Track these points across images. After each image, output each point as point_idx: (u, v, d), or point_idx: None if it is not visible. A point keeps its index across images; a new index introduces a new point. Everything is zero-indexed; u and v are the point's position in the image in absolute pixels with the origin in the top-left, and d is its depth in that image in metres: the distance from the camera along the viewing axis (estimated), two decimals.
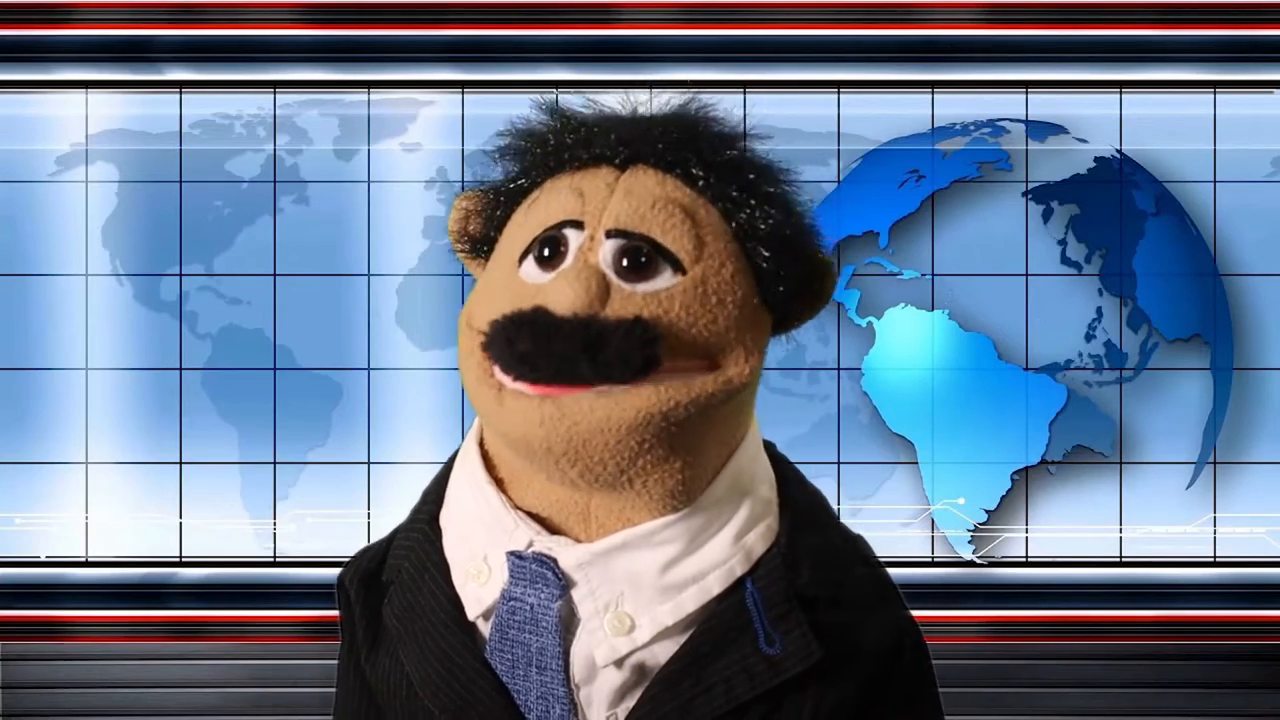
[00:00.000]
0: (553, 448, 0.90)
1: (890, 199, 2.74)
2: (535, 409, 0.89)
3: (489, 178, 1.03)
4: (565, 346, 0.88)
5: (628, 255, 0.92)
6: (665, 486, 0.93)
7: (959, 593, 2.68)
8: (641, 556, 0.94)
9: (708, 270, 0.93)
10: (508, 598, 0.96)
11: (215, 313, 2.78)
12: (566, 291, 0.90)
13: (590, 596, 0.95)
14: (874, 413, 2.76)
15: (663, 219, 0.93)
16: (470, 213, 1.03)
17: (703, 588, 0.95)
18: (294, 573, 2.74)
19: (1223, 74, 2.74)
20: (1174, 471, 2.75)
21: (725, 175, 0.96)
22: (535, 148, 0.99)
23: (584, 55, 2.72)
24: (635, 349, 0.88)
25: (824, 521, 1.03)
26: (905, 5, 2.73)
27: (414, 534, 1.05)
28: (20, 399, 2.77)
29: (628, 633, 0.94)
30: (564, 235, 0.94)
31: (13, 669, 2.71)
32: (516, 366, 0.90)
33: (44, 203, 2.78)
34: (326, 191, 2.78)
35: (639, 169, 0.96)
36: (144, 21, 2.72)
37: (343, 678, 1.11)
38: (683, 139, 0.96)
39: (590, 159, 0.97)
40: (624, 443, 0.90)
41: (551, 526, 0.97)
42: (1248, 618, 2.71)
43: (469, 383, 0.96)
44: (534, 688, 0.96)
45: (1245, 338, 2.76)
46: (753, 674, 0.94)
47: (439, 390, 2.76)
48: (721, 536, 0.96)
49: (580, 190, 0.95)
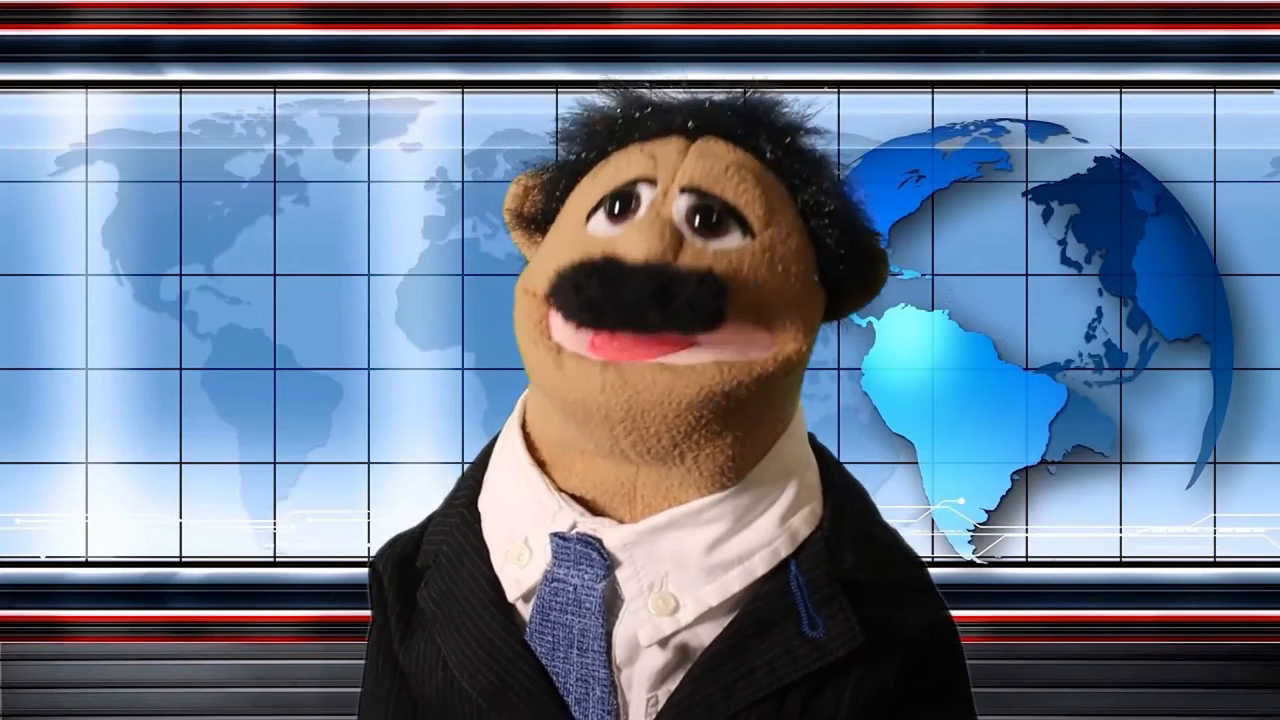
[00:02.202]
0: (610, 414, 0.90)
1: (890, 199, 2.74)
2: (597, 374, 0.90)
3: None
4: (636, 293, 0.88)
5: (700, 213, 0.93)
6: (715, 463, 0.94)
7: (959, 593, 2.68)
8: (688, 535, 0.94)
9: (775, 237, 0.94)
10: (550, 579, 0.96)
11: (215, 313, 2.78)
12: (639, 240, 0.90)
13: (635, 577, 0.95)
14: (874, 413, 2.76)
15: (736, 181, 0.94)
16: (530, 190, 1.03)
17: (748, 568, 0.95)
18: (294, 573, 2.74)
19: (1223, 74, 2.74)
20: (1174, 471, 2.75)
21: (792, 153, 0.98)
22: (602, 124, 1.00)
23: (584, 55, 2.72)
24: (706, 299, 0.88)
25: (866, 511, 1.04)
26: (905, 5, 2.73)
27: (451, 518, 1.05)
28: (20, 399, 2.77)
29: (672, 613, 0.94)
30: (637, 191, 0.95)
31: (13, 669, 2.71)
32: (583, 313, 0.90)
33: (44, 203, 2.78)
34: (326, 191, 2.78)
35: (710, 139, 0.97)
36: (144, 21, 2.72)
37: (371, 663, 1.10)
38: (752, 116, 0.98)
39: (660, 130, 0.98)
40: (682, 417, 0.90)
41: (595, 509, 0.97)
42: (1248, 618, 2.71)
43: (524, 345, 0.96)
44: (574, 669, 0.96)
45: (1245, 338, 2.76)
46: (795, 656, 0.94)
47: (439, 390, 2.76)
48: (768, 517, 0.96)
49: (653, 154, 0.96)
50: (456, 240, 2.76)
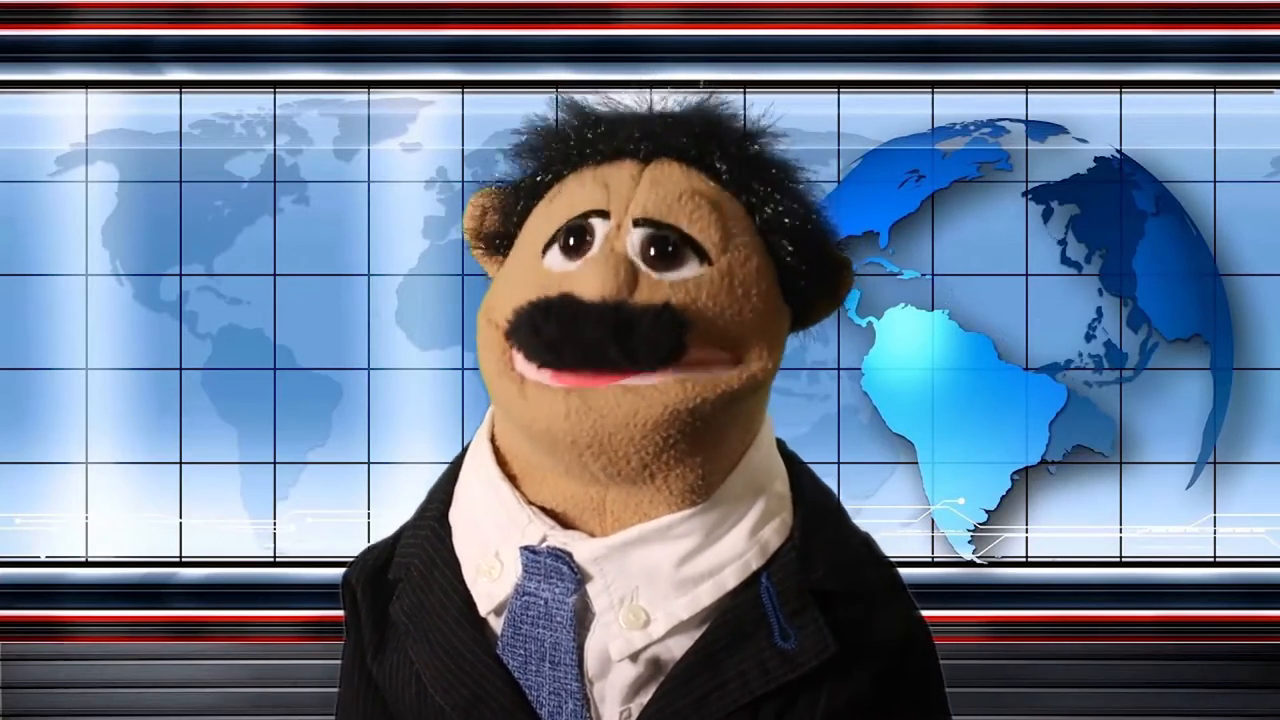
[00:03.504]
0: (577, 440, 0.89)
1: (890, 199, 2.74)
2: (561, 401, 0.89)
3: (497, 176, 1.03)
4: (594, 332, 0.87)
5: (655, 244, 0.92)
6: (685, 481, 0.93)
7: (959, 593, 2.68)
8: (658, 550, 0.94)
9: (734, 262, 0.93)
10: (521, 593, 0.96)
11: (215, 313, 2.78)
12: (594, 278, 0.89)
13: (605, 591, 0.94)
14: (874, 413, 2.76)
15: (690, 210, 0.93)
16: (487, 210, 1.03)
17: (718, 582, 0.95)
18: (294, 573, 2.74)
19: (1223, 74, 2.74)
20: (1174, 471, 2.75)
21: (748, 170, 0.97)
22: (555, 143, 0.99)
23: (584, 55, 2.72)
24: (665, 334, 0.88)
25: (836, 518, 1.04)
26: (905, 5, 2.73)
27: (422, 531, 1.05)
28: (20, 399, 2.77)
29: (643, 627, 0.94)
30: (590, 224, 0.94)
31: (13, 669, 2.71)
32: (542, 354, 0.89)
33: (44, 203, 2.78)
34: (326, 191, 2.78)
35: (662, 162, 0.96)
36: (144, 21, 2.72)
37: (346, 677, 1.10)
38: (705, 133, 0.97)
39: (612, 152, 0.97)
40: (649, 438, 0.90)
41: (565, 521, 0.96)
42: (1248, 618, 2.71)
43: (489, 375, 0.95)
44: (546, 683, 0.95)
45: (1245, 338, 2.76)
46: (767, 669, 0.94)
47: (439, 390, 2.76)
48: (738, 531, 0.96)
49: (605, 182, 0.95)
50: (456, 240, 2.76)
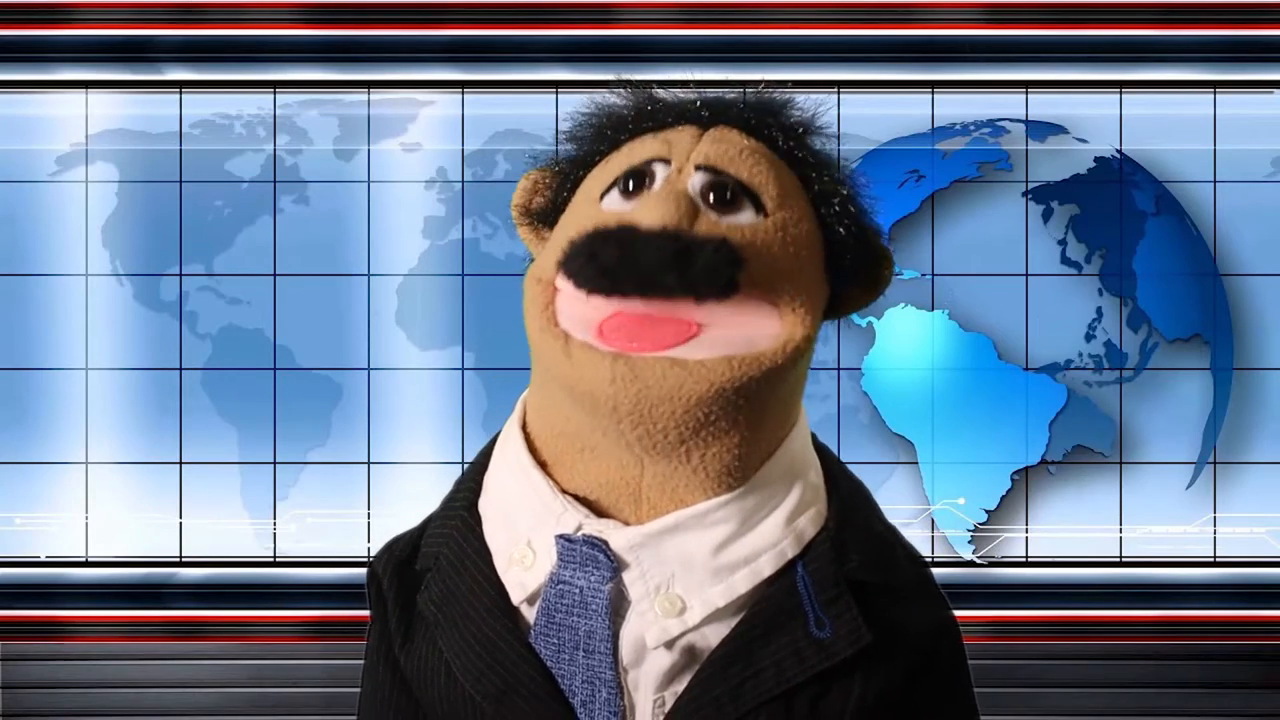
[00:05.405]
0: (619, 407, 0.90)
1: (890, 199, 2.74)
2: (607, 365, 0.89)
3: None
4: (653, 257, 0.87)
5: (714, 190, 0.93)
6: (722, 463, 0.93)
7: (959, 593, 2.67)
8: (694, 537, 0.94)
9: (788, 219, 0.95)
10: (556, 581, 0.96)
11: (215, 313, 2.78)
12: (655, 208, 0.90)
13: (641, 578, 0.95)
14: (874, 413, 2.76)
15: (750, 163, 0.95)
16: (540, 185, 1.03)
17: (754, 570, 0.95)
18: (294, 573, 2.74)
19: (1223, 74, 2.74)
20: (1174, 471, 2.75)
21: (804, 146, 0.99)
22: (613, 123, 1.00)
23: (584, 55, 2.72)
24: (723, 265, 0.88)
25: (870, 511, 1.04)
26: (905, 5, 2.73)
27: (451, 521, 1.04)
28: (20, 399, 2.77)
29: (679, 614, 0.94)
30: (651, 169, 0.95)
31: (13, 669, 2.71)
32: (598, 280, 0.89)
33: (44, 203, 2.78)
34: (326, 191, 2.78)
35: (723, 128, 0.98)
36: (144, 21, 2.72)
37: (371, 668, 1.09)
38: (764, 111, 0.99)
39: (674, 120, 0.99)
40: (691, 413, 0.90)
41: (599, 510, 0.97)
42: (1248, 618, 2.71)
43: (533, 334, 0.95)
44: (580, 671, 0.96)
45: (1245, 338, 2.76)
46: (803, 657, 0.94)
47: (439, 390, 2.76)
48: (774, 518, 0.96)
49: (667, 139, 0.97)
50: (456, 240, 2.76)
